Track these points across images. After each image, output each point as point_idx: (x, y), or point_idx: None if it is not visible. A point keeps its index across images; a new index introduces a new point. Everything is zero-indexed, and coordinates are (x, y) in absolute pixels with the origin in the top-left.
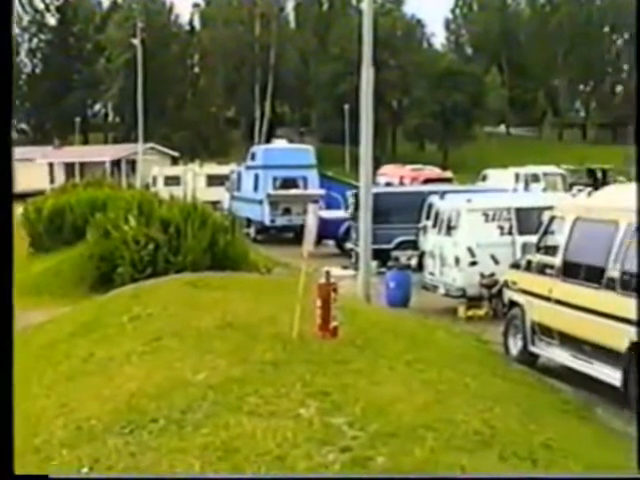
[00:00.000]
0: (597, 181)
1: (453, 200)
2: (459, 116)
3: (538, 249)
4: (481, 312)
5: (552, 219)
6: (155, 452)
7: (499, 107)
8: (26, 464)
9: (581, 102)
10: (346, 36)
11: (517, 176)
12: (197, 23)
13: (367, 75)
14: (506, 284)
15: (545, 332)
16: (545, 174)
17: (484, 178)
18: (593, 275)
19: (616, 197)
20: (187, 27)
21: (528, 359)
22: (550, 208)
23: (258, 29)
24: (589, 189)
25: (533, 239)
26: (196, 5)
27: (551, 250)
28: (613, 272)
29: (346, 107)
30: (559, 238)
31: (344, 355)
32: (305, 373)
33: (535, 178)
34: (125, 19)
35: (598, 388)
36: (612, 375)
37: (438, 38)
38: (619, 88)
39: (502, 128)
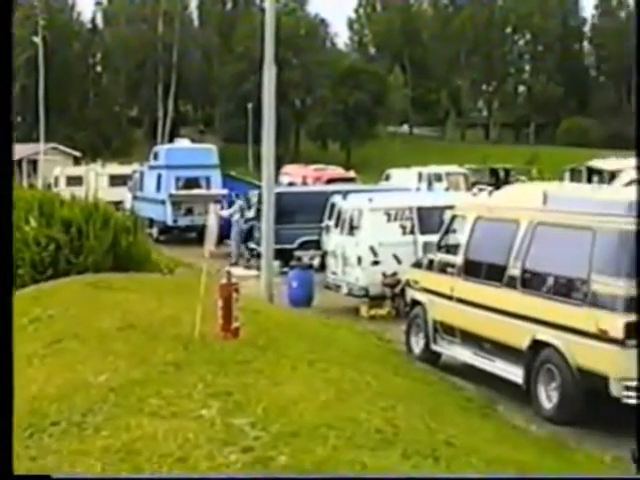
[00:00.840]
0: (499, 180)
1: (355, 200)
2: (362, 115)
3: (439, 248)
4: (383, 311)
5: (453, 218)
6: (56, 455)
7: (402, 107)
8: None
9: (484, 102)
10: (250, 35)
11: (420, 175)
12: (100, 21)
13: (269, 74)
14: (408, 283)
15: (447, 330)
16: (448, 174)
17: (387, 178)
18: (494, 274)
19: (517, 196)
20: (89, 25)
21: (430, 358)
22: (451, 207)
23: (161, 27)
24: (490, 188)
25: (435, 238)
26: (98, 3)
27: (452, 249)
28: (514, 270)
29: (249, 106)
30: (460, 237)
31: (246, 355)
32: (207, 374)
33: (438, 178)
34: (26, 17)
35: (500, 386)
36: (514, 372)
37: (341, 38)
38: (521, 88)
39: (405, 128)
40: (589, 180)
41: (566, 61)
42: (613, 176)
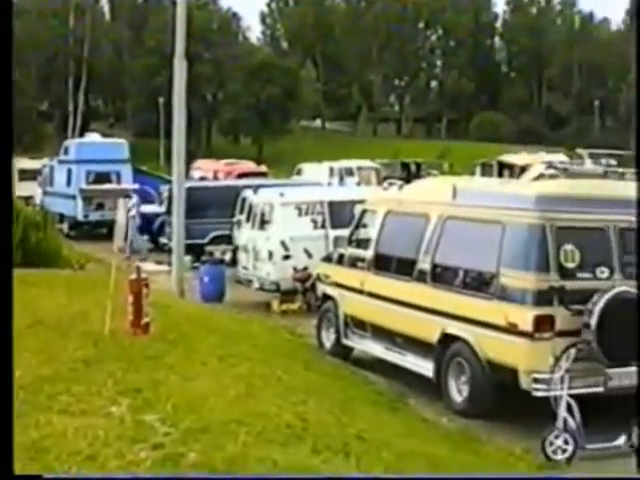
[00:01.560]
0: (411, 175)
1: (266, 194)
2: (274, 110)
3: (350, 242)
4: (295, 306)
5: (364, 212)
6: None
7: (314, 101)
8: None
9: (396, 97)
10: (161, 29)
11: (332, 170)
12: None
13: (180, 68)
14: (319, 278)
15: (358, 325)
16: (359, 168)
17: (299, 172)
18: (404, 268)
19: (427, 190)
20: None
21: (342, 352)
22: (362, 202)
23: (72, 21)
24: (401, 182)
25: (346, 232)
26: None
27: (363, 243)
28: (424, 264)
29: (160, 101)
30: (371, 231)
31: (156, 351)
32: (116, 370)
33: (349, 172)
34: None
35: (411, 380)
36: (425, 366)
37: (254, 32)
38: (433, 83)
39: (318, 122)
40: (500, 174)
41: (478, 56)
42: (523, 171)
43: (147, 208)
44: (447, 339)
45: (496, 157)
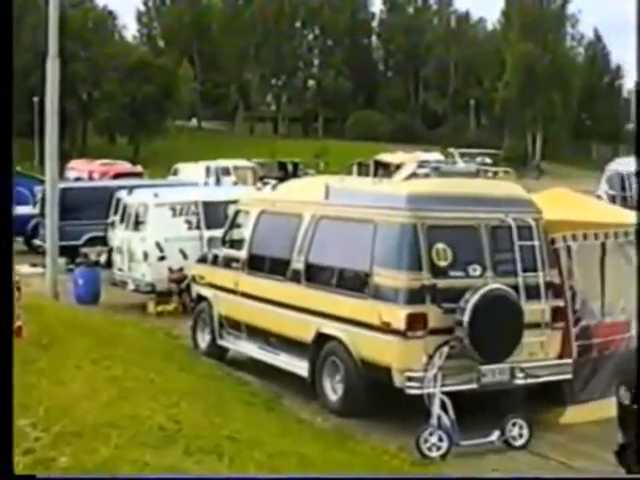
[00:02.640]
0: (288, 174)
1: (141, 195)
2: (150, 109)
3: (224, 243)
4: (170, 307)
5: (237, 213)
6: None
7: (191, 100)
8: None
9: (273, 96)
10: (37, 26)
11: (208, 170)
12: None
13: (53, 67)
14: (193, 279)
15: (233, 325)
16: (236, 168)
17: (175, 172)
18: (278, 268)
19: (300, 190)
20: None
21: (217, 353)
22: (236, 202)
23: None
24: (275, 182)
25: (220, 233)
26: None
27: (237, 244)
28: (297, 264)
29: (35, 100)
30: (244, 231)
31: (28, 355)
32: None
33: (226, 172)
34: None
35: (287, 380)
36: (299, 366)
37: (130, 30)
38: (310, 82)
39: (194, 122)
40: (376, 174)
41: (355, 56)
42: (399, 169)
43: (21, 210)
44: (321, 339)
45: (373, 156)
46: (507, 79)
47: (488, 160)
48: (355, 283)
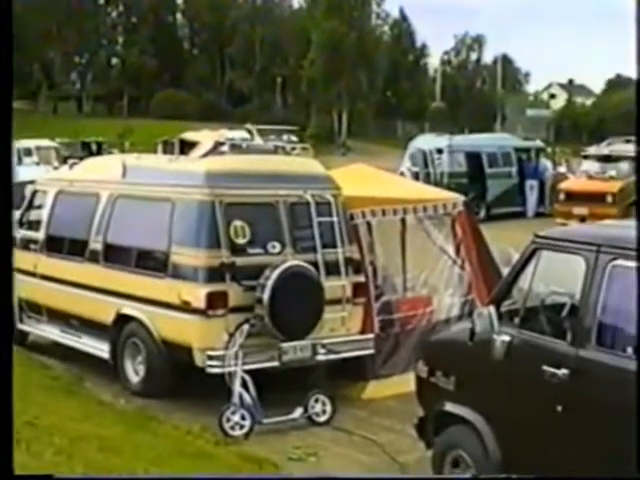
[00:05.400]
0: (92, 154)
1: None
2: None
3: (21, 224)
4: None
5: (35, 193)
6: None
7: None
8: None
9: (77, 75)
10: None
11: None
12: None
13: None
14: None
15: (33, 309)
16: (38, 148)
17: None
18: (77, 249)
19: (97, 169)
20: None
21: (18, 337)
22: (33, 182)
23: None
24: (72, 161)
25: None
26: None
27: (35, 225)
28: (96, 245)
29: None
30: (42, 212)
31: None
32: None
33: (28, 152)
34: None
35: (90, 362)
36: (100, 348)
37: None
38: (115, 61)
39: None
40: (182, 152)
41: (160, 33)
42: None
43: None
44: (122, 320)
45: (178, 135)
46: (313, 57)
47: (294, 138)
48: (154, 263)
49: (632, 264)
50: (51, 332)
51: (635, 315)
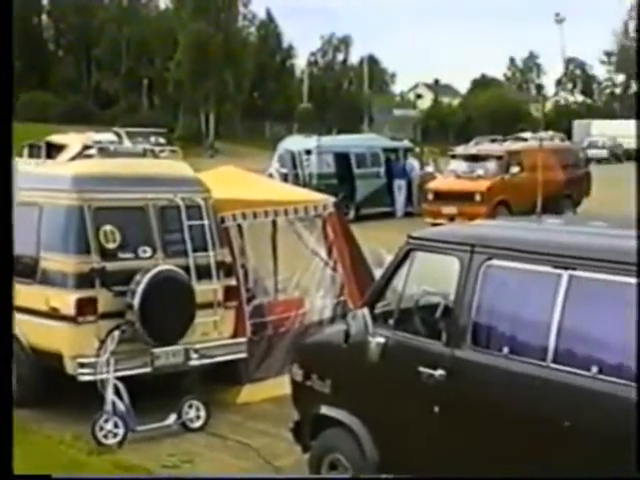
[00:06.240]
0: None
1: None
2: None
3: None
4: None
5: None
6: None
7: None
8: None
9: None
10: None
11: None
12: None
13: None
14: None
15: None
16: None
17: None
18: None
19: None
20: None
21: None
22: None
23: None
24: None
25: None
26: None
27: None
28: None
29: None
30: None
31: None
32: None
33: None
34: None
35: None
36: None
37: None
38: None
39: None
40: (49, 155)
41: (24, 35)
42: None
43: None
44: None
45: (44, 138)
46: (179, 58)
47: (162, 140)
48: (23, 269)
49: (506, 264)
50: None
51: (509, 314)
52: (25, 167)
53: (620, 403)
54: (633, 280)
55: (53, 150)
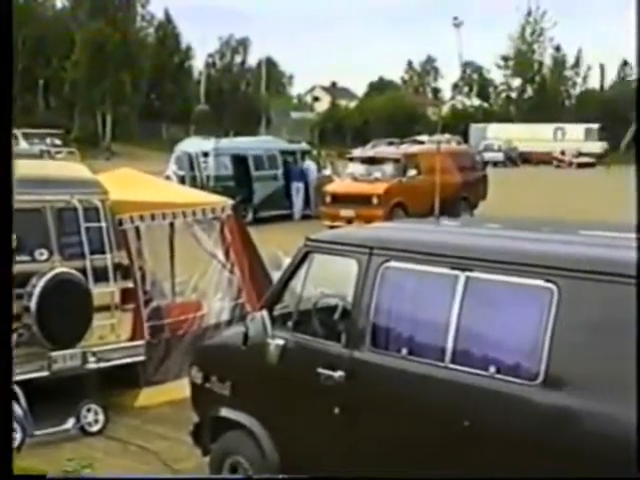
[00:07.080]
0: None
1: None
2: None
3: None
4: None
5: None
6: None
7: None
8: None
9: None
10: None
11: None
12: None
13: None
14: None
15: None
16: None
17: None
18: None
19: None
20: None
21: None
22: None
23: None
24: None
25: None
26: None
27: None
28: None
29: None
30: None
31: None
32: None
33: None
34: None
35: None
36: None
37: None
38: None
39: None
40: None
41: None
42: None
43: None
44: None
45: None
46: (76, 58)
47: (58, 141)
48: None
49: (404, 265)
50: None
51: (408, 316)
52: None
53: (518, 402)
54: (527, 281)
55: None
